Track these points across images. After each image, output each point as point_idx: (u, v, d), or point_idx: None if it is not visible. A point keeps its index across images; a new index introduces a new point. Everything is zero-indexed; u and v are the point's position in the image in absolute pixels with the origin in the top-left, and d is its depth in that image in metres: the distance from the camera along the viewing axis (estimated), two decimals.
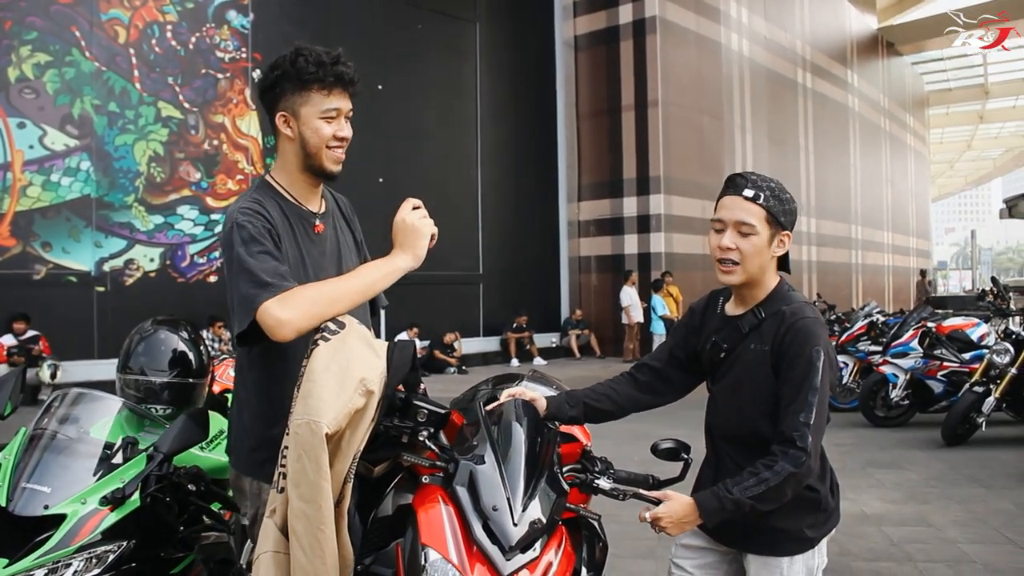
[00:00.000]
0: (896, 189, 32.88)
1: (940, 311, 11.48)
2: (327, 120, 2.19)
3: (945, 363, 8.49)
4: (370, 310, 2.46)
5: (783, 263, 2.29)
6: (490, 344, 17.25)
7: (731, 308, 2.32)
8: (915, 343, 8.78)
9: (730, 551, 2.33)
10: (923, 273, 22.63)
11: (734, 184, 2.20)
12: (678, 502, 2.09)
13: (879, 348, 9.46)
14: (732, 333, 2.27)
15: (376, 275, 2.14)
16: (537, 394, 2.38)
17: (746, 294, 2.26)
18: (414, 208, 2.19)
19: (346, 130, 2.23)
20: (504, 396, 2.32)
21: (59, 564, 2.17)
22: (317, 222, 2.29)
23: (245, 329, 2.03)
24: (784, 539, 2.20)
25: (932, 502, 6.00)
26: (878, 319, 10.37)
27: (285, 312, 1.96)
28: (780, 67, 22.84)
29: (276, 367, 2.17)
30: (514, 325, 17.12)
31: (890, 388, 8.87)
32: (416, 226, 2.16)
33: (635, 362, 2.57)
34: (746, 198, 2.16)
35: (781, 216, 2.18)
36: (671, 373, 2.45)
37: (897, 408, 8.97)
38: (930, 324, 8.95)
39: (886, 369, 8.85)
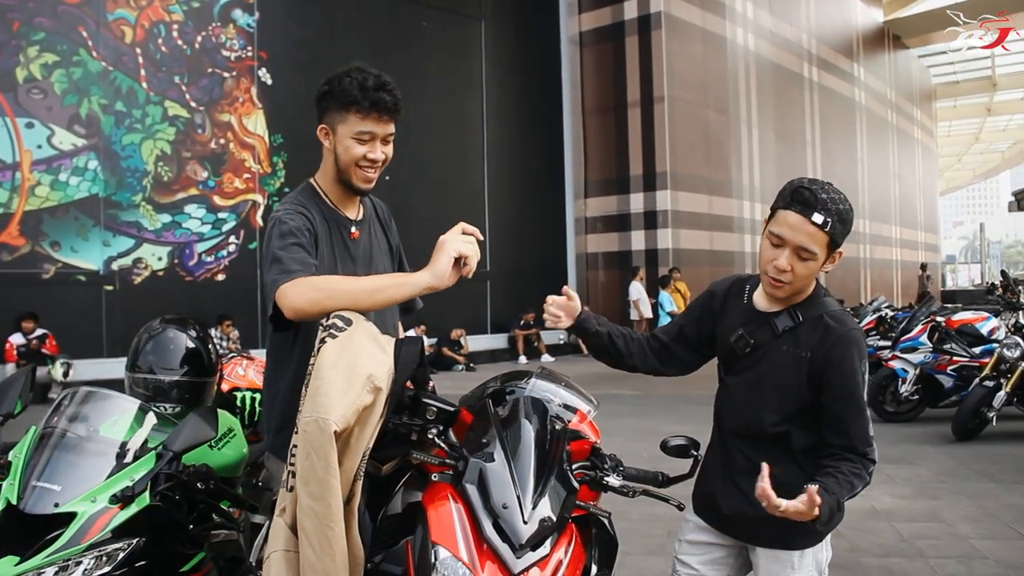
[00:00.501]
0: (904, 183, 32.79)
1: (949, 305, 11.44)
2: (360, 141, 2.27)
3: (955, 358, 8.46)
4: (401, 308, 2.51)
5: None
6: (498, 341, 17.26)
7: (761, 302, 2.26)
8: (924, 338, 8.74)
9: (738, 544, 2.32)
10: (923, 267, 22.11)
11: (803, 201, 2.07)
12: (804, 506, 1.90)
13: (888, 343, 9.42)
14: (762, 330, 2.22)
15: (386, 283, 2.17)
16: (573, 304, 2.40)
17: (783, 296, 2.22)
18: (463, 232, 2.16)
19: (378, 152, 2.29)
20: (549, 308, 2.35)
21: (69, 562, 2.18)
22: (353, 228, 2.39)
23: (272, 313, 2.11)
24: (794, 532, 2.17)
25: (943, 497, 5.98)
26: (887, 314, 10.35)
27: (290, 291, 2.04)
28: (786, 61, 22.79)
29: (302, 353, 2.21)
30: (522, 322, 17.12)
31: (899, 383, 8.83)
32: (443, 244, 2.12)
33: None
34: (815, 224, 2.06)
35: (840, 239, 2.12)
36: (677, 350, 2.44)
37: (907, 403, 8.93)
38: (939, 318, 8.92)
39: (895, 364, 8.82)
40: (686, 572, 2.36)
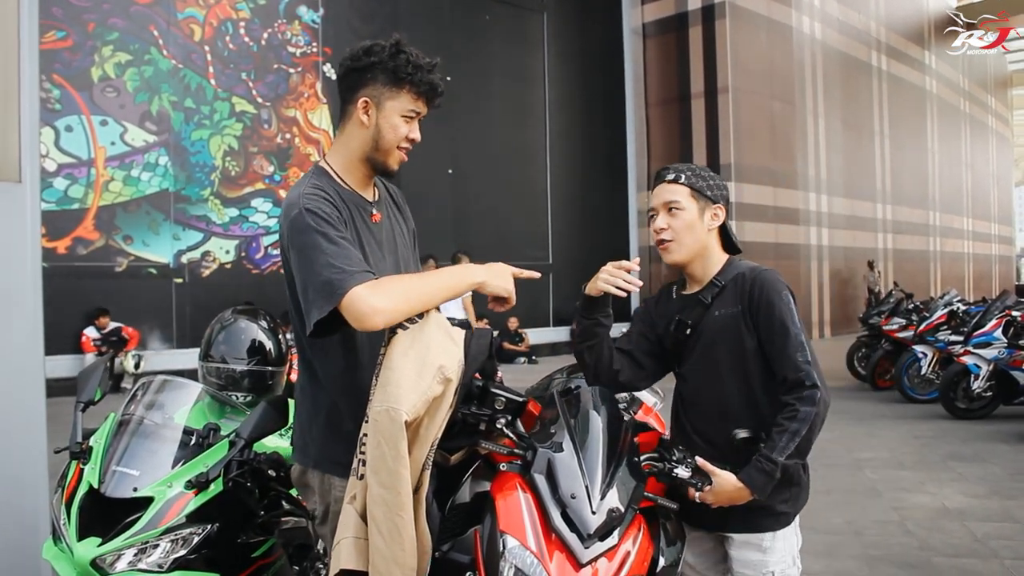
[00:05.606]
0: (976, 173, 31.86)
1: None
2: (406, 120, 2.16)
3: None
4: None
5: (732, 246, 2.36)
6: (560, 334, 17.24)
7: (688, 290, 2.38)
8: (999, 332, 8.51)
9: (714, 534, 2.33)
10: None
11: (658, 176, 2.36)
12: (726, 484, 2.09)
13: (960, 338, 9.16)
14: (694, 309, 2.31)
15: (454, 280, 2.08)
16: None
17: (698, 273, 2.33)
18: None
19: (416, 132, 2.20)
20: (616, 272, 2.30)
21: (147, 544, 2.25)
22: (374, 211, 2.24)
23: (324, 317, 1.92)
24: (761, 515, 2.20)
25: (1018, 497, 5.80)
26: (958, 308, 10.05)
27: (379, 300, 1.89)
28: (854, 50, 22.30)
29: (351, 358, 2.13)
30: None
31: (972, 379, 8.62)
32: (507, 268, 2.14)
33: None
34: (668, 181, 2.30)
35: (707, 191, 2.29)
36: (642, 359, 2.45)
37: (979, 400, 8.71)
38: (1015, 313, 8.66)
39: (967, 360, 8.59)
40: (685, 567, 2.37)
